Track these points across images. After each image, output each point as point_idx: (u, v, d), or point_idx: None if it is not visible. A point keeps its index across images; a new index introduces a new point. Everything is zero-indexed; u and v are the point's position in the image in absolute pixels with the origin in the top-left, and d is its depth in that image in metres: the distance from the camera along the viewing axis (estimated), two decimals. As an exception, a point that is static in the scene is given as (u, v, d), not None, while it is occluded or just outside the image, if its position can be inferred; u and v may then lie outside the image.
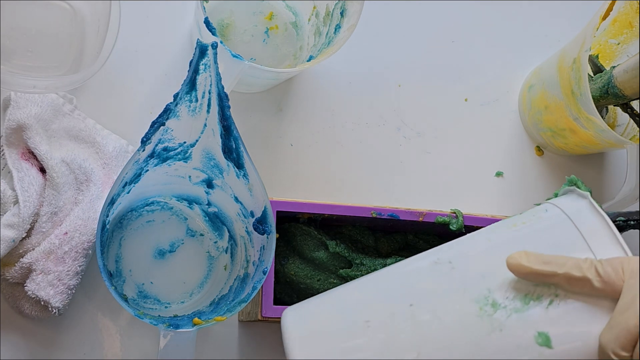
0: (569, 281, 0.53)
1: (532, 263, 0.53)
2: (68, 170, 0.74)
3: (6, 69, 0.75)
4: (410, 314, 0.55)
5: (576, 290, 0.53)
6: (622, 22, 0.86)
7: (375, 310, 0.57)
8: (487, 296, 0.54)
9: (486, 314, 0.53)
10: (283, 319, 0.60)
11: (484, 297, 0.54)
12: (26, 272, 0.71)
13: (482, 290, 0.55)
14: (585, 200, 0.59)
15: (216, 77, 0.65)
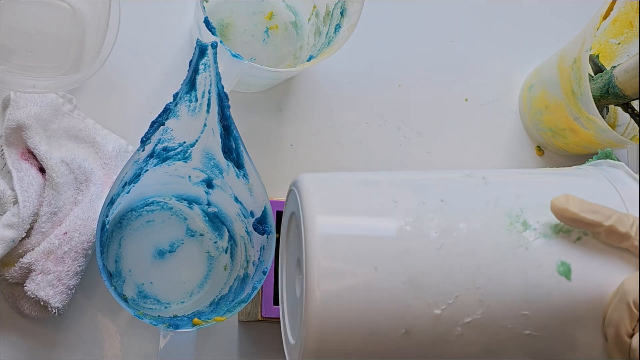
0: (610, 234, 0.52)
1: (579, 209, 0.52)
2: (68, 170, 0.74)
3: (6, 69, 0.75)
4: (441, 207, 0.53)
5: (612, 243, 0.52)
6: (622, 21, 0.86)
7: (404, 194, 0.54)
8: (519, 214, 0.54)
9: (515, 229, 0.53)
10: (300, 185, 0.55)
11: (515, 214, 0.54)
12: (26, 272, 0.71)
13: (515, 208, 0.54)
14: (620, 170, 0.59)
15: (216, 77, 0.65)
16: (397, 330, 0.51)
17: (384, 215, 0.53)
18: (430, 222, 0.52)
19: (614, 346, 0.52)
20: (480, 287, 0.51)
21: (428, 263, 0.51)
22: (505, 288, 0.52)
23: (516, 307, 0.52)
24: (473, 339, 0.52)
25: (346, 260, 0.51)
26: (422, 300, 0.51)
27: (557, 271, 0.52)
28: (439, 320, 0.51)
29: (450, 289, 0.51)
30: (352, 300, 0.51)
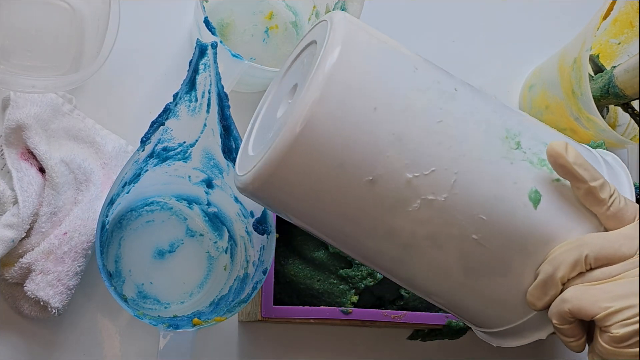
0: (588, 194, 0.53)
1: (573, 160, 0.53)
2: (67, 170, 0.74)
3: (5, 69, 0.75)
4: (452, 92, 0.54)
5: (586, 203, 0.53)
6: (622, 21, 0.86)
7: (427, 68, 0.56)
8: (516, 134, 0.55)
9: (508, 143, 0.54)
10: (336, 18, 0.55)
11: (513, 132, 0.55)
12: (25, 272, 0.71)
13: (515, 128, 0.55)
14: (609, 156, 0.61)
15: (216, 77, 0.65)
16: (365, 173, 0.52)
17: (400, 73, 0.54)
18: (438, 98, 0.53)
19: (541, 285, 0.53)
20: (457, 173, 0.53)
21: (422, 129, 0.52)
22: (477, 186, 0.53)
23: (477, 208, 0.53)
24: (425, 219, 0.53)
25: (352, 90, 0.51)
26: (400, 158, 0.52)
27: (528, 195, 0.54)
28: (407, 184, 0.52)
29: (430, 161, 0.52)
30: (338, 127, 0.51)
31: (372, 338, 0.83)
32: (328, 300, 0.76)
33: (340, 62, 0.51)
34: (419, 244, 0.55)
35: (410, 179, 0.52)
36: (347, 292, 0.76)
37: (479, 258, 0.55)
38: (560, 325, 0.52)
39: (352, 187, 0.52)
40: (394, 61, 0.54)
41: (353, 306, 0.75)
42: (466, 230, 0.54)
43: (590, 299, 0.51)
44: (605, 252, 0.51)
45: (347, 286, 0.76)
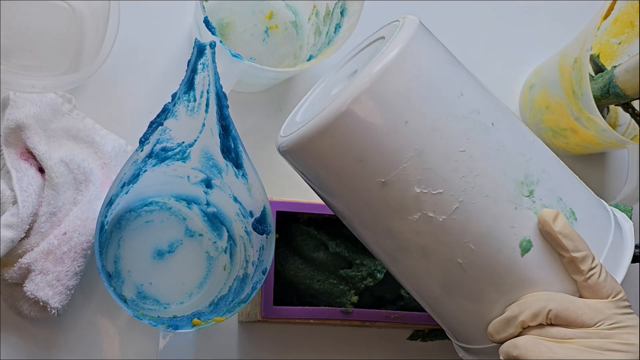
0: (570, 263, 0.56)
1: (558, 229, 0.56)
2: (67, 170, 0.74)
3: (5, 69, 0.75)
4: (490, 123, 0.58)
5: (567, 269, 0.57)
6: (623, 21, 0.86)
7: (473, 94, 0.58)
8: (533, 182, 0.58)
9: (520, 190, 0.57)
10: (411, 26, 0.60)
11: (531, 180, 0.58)
12: (25, 272, 0.71)
13: (535, 175, 0.58)
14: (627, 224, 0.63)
15: (214, 77, 0.65)
16: (380, 174, 0.56)
17: (443, 96, 0.57)
18: (469, 129, 0.56)
19: (504, 322, 0.56)
20: (461, 201, 0.56)
21: (443, 153, 0.56)
22: (475, 218, 0.56)
23: (469, 237, 0.57)
24: (421, 231, 0.57)
25: (395, 95, 0.55)
26: (415, 172, 0.56)
27: (520, 242, 0.57)
28: (413, 197, 0.56)
29: (441, 183, 0.56)
30: (370, 125, 0.55)
31: (372, 338, 0.83)
32: (328, 300, 0.75)
33: (395, 64, 0.55)
34: (410, 250, 0.59)
35: (418, 193, 0.56)
36: (347, 292, 0.76)
37: (459, 280, 0.58)
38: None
39: (366, 181, 0.57)
40: (442, 81, 0.57)
41: (353, 306, 0.75)
42: (454, 253, 0.57)
43: (535, 352, 0.53)
44: (567, 313, 0.54)
45: (347, 286, 0.76)
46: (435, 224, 0.57)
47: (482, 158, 0.57)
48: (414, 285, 0.62)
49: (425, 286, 0.61)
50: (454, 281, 0.59)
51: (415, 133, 0.55)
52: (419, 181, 0.56)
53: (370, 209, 0.58)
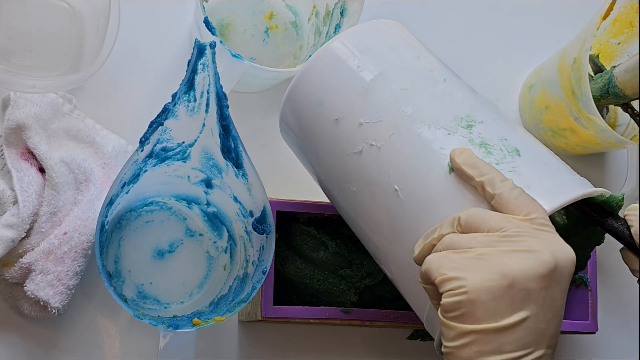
0: (480, 188, 0.57)
1: (462, 162, 0.57)
2: (67, 170, 0.74)
3: (6, 69, 0.75)
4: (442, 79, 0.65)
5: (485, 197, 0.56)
6: (622, 21, 0.86)
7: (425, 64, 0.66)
8: (474, 122, 0.62)
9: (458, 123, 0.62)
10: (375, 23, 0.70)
11: (473, 119, 0.62)
12: (25, 272, 0.71)
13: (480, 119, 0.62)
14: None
15: (214, 77, 0.65)
16: (334, 113, 0.65)
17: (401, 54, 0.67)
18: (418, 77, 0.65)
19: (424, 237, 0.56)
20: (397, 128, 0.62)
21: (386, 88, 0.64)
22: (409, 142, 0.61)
23: (403, 160, 0.61)
24: (365, 164, 0.63)
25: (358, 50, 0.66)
26: (361, 107, 0.64)
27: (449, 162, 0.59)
28: (358, 127, 0.63)
29: (381, 114, 0.63)
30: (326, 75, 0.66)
31: (372, 338, 0.83)
32: (328, 300, 0.75)
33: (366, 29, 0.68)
34: (361, 191, 0.64)
35: (362, 123, 0.63)
36: (347, 291, 0.76)
37: (398, 212, 0.61)
38: (424, 284, 0.54)
39: (325, 123, 0.66)
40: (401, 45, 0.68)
41: (353, 306, 0.75)
42: (391, 180, 0.61)
43: (437, 264, 0.52)
44: (474, 219, 0.54)
45: (346, 286, 0.76)
46: (374, 153, 0.62)
47: (423, 97, 0.63)
48: (371, 238, 0.65)
49: (377, 233, 0.63)
50: (395, 216, 0.61)
51: (361, 79, 0.64)
52: (362, 113, 0.63)
53: (330, 154, 0.66)
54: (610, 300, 0.88)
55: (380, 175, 0.62)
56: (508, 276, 0.51)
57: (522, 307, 0.51)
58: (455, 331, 0.51)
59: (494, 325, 0.51)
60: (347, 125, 0.64)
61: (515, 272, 0.51)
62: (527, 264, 0.51)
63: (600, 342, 0.87)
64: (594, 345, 0.87)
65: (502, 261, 0.51)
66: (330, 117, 0.65)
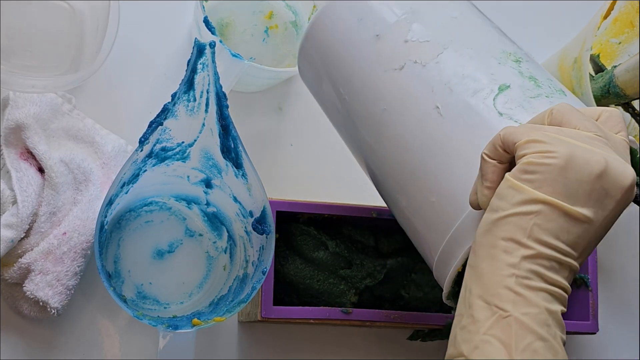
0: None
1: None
2: (67, 170, 0.74)
3: (5, 69, 0.75)
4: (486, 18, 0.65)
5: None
6: (623, 21, 0.86)
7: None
8: (520, 59, 0.61)
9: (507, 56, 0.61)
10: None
11: (519, 56, 0.61)
12: (25, 272, 0.71)
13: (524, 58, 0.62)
14: None
15: (214, 77, 0.65)
16: (375, 29, 0.64)
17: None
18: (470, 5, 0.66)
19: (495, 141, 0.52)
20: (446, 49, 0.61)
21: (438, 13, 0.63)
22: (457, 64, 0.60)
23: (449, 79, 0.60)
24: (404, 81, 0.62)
25: None
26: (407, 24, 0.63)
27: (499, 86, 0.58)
28: (402, 44, 0.63)
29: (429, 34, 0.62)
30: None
31: (372, 338, 0.83)
32: (328, 300, 0.75)
33: None
34: (393, 108, 0.62)
35: (407, 41, 0.62)
36: (347, 292, 0.76)
37: (435, 129, 0.59)
38: (487, 156, 0.51)
39: (363, 40, 0.64)
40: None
41: (353, 306, 0.75)
42: (434, 97, 0.60)
43: (525, 130, 0.50)
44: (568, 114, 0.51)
45: (347, 286, 0.76)
46: (418, 70, 0.61)
47: (471, 26, 0.63)
48: (395, 158, 0.62)
49: (405, 151, 0.61)
50: (431, 132, 0.59)
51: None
52: (408, 31, 0.62)
53: (362, 71, 0.64)
54: (610, 300, 0.88)
55: (421, 92, 0.61)
56: (598, 167, 0.48)
57: (594, 206, 0.48)
58: (525, 195, 0.48)
59: (568, 207, 0.47)
60: (390, 41, 0.63)
61: (605, 168, 0.48)
62: (617, 168, 0.48)
63: (601, 342, 0.87)
64: (594, 345, 0.87)
65: (595, 152, 0.48)
66: (370, 33, 0.64)
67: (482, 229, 0.49)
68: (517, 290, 0.47)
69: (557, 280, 0.48)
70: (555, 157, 0.47)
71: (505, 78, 0.59)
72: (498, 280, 0.47)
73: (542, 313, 0.47)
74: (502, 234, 0.48)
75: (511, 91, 0.58)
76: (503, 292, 0.47)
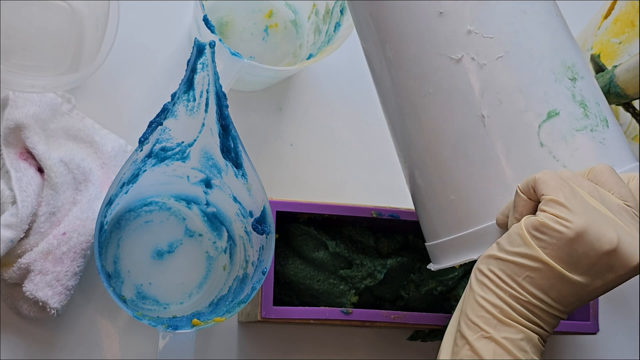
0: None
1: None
2: (66, 170, 0.74)
3: (4, 68, 0.75)
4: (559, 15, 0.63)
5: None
6: (623, 21, 0.86)
7: None
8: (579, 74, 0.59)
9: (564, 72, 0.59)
10: None
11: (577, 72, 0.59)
12: (24, 272, 0.71)
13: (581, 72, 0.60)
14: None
15: (214, 76, 0.65)
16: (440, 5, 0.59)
17: None
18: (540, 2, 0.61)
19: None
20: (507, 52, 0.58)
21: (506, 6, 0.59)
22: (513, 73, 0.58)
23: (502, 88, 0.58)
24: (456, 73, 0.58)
25: None
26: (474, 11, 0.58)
27: (548, 111, 0.57)
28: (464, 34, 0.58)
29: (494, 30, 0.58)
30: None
31: (372, 338, 0.83)
32: (328, 300, 0.75)
33: None
34: (438, 96, 0.59)
35: (470, 31, 0.58)
36: (347, 292, 0.76)
37: (474, 137, 0.58)
38: (520, 191, 0.53)
39: (425, 11, 0.59)
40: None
41: (353, 306, 0.75)
42: (480, 103, 0.58)
43: (557, 184, 0.51)
44: (606, 175, 0.53)
45: (347, 286, 0.76)
46: (473, 68, 0.58)
47: (538, 27, 0.59)
48: (425, 145, 0.61)
49: (437, 144, 0.60)
50: (469, 138, 0.58)
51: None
52: (473, 19, 0.58)
53: (417, 42, 0.60)
54: (610, 300, 0.88)
55: (471, 93, 0.58)
56: (608, 246, 0.50)
57: (594, 276, 0.51)
58: (529, 250, 0.51)
59: (566, 273, 0.50)
60: (452, 25, 0.59)
61: (615, 248, 0.50)
62: (628, 248, 0.50)
63: (601, 342, 0.87)
64: (594, 345, 0.87)
65: (614, 230, 0.50)
66: (434, 8, 0.59)
67: (485, 256, 0.53)
68: (500, 318, 0.51)
69: (538, 323, 0.52)
70: (569, 228, 0.50)
71: (556, 101, 0.58)
72: (484, 305, 0.52)
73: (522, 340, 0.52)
74: (498, 271, 0.52)
75: (559, 119, 0.57)
76: (487, 316, 0.52)
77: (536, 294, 0.51)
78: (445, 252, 0.62)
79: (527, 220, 0.51)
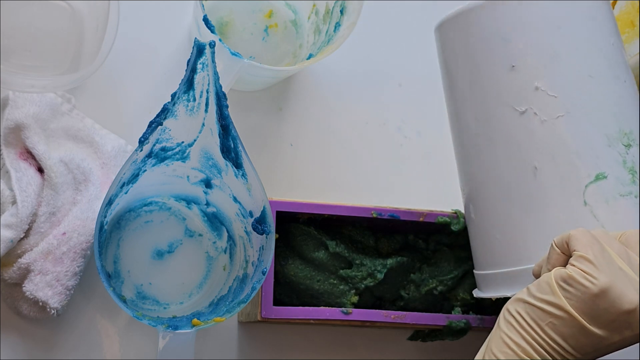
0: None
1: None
2: (66, 170, 0.74)
3: (4, 68, 0.75)
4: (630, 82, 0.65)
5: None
6: (623, 21, 0.86)
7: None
8: (634, 141, 0.63)
9: (620, 137, 0.62)
10: None
11: (633, 139, 0.63)
12: (24, 272, 0.71)
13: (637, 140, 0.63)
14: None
15: (214, 76, 0.65)
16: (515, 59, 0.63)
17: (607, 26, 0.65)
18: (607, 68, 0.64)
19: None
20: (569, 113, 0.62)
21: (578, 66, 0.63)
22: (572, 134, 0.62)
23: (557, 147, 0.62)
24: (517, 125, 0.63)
25: None
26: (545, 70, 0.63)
27: (597, 174, 0.61)
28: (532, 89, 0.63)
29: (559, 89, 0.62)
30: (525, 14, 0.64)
31: (372, 338, 0.83)
32: (328, 300, 0.75)
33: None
34: (498, 145, 0.64)
35: (537, 87, 0.62)
36: (347, 292, 0.76)
37: (523, 184, 0.63)
38: (555, 245, 0.58)
39: (497, 62, 0.64)
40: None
41: (353, 306, 0.75)
42: (536, 155, 0.62)
43: (589, 243, 0.56)
44: (635, 240, 0.57)
45: (347, 286, 0.76)
46: (533, 123, 0.62)
47: (602, 92, 0.62)
48: (481, 183, 0.66)
49: (491, 184, 0.65)
50: (519, 185, 0.63)
51: (564, 38, 0.63)
52: (543, 77, 0.62)
53: (485, 89, 0.64)
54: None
55: (528, 146, 0.63)
56: (629, 305, 0.54)
57: (613, 331, 0.54)
58: (555, 299, 0.54)
59: (586, 325, 0.54)
60: (522, 79, 0.63)
61: (635, 308, 0.54)
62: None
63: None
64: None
65: (636, 292, 0.54)
66: (507, 60, 0.64)
67: (515, 299, 0.57)
68: (521, 357, 0.55)
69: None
70: (594, 284, 0.54)
71: (606, 165, 0.61)
72: (508, 343, 0.56)
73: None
74: (524, 314, 0.56)
75: (605, 182, 0.61)
76: (509, 352, 0.56)
77: (556, 339, 0.55)
78: (487, 283, 0.67)
79: (557, 272, 0.55)
